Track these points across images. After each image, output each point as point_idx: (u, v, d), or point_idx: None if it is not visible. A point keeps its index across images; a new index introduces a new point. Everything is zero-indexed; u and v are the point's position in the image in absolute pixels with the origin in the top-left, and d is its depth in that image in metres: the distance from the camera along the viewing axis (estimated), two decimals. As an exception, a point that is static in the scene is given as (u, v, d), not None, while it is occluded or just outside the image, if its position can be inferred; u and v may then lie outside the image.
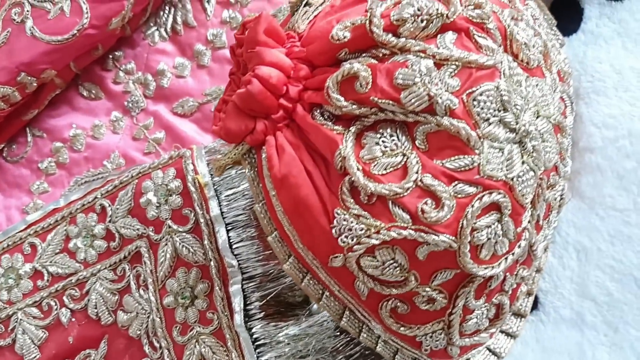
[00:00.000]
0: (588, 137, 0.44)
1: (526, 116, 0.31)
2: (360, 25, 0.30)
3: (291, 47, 0.32)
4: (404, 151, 0.30)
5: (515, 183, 0.31)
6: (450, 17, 0.30)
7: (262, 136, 0.32)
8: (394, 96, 0.29)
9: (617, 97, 0.45)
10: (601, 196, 0.42)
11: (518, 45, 0.32)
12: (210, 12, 0.57)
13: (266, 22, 0.31)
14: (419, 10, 0.30)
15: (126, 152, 0.56)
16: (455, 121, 0.29)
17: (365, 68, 0.30)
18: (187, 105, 0.55)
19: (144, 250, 0.46)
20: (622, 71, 0.45)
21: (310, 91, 0.31)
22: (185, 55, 0.57)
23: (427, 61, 0.29)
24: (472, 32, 0.31)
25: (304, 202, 0.31)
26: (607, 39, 0.47)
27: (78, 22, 0.52)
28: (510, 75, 0.31)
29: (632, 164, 0.42)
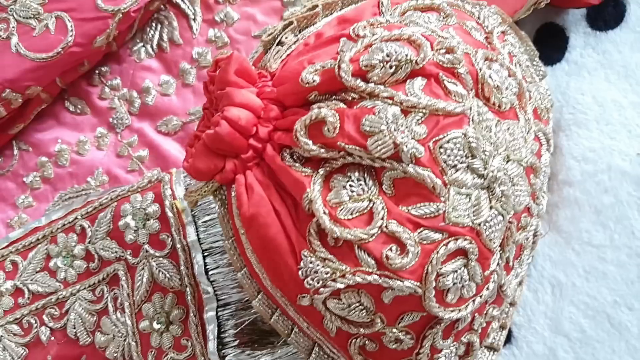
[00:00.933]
0: (567, 171, 0.44)
1: (495, 162, 0.31)
2: (329, 69, 0.30)
3: (262, 87, 0.32)
4: (370, 196, 0.30)
5: (483, 228, 0.31)
6: (420, 63, 0.30)
7: (231, 175, 0.32)
8: (360, 142, 0.29)
9: (598, 130, 0.44)
10: (578, 231, 0.42)
11: (490, 89, 0.32)
12: (196, 30, 0.57)
13: (237, 62, 0.31)
14: (387, 56, 0.29)
15: (110, 169, 0.56)
16: (420, 169, 0.29)
17: (332, 113, 0.30)
18: (171, 124, 0.55)
19: (122, 274, 0.46)
20: (604, 104, 0.45)
21: (280, 132, 0.31)
22: (170, 73, 0.57)
23: (394, 108, 0.29)
24: (441, 77, 0.31)
25: (272, 242, 0.31)
26: (591, 70, 0.46)
27: (63, 39, 0.52)
28: (480, 121, 0.31)
29: (610, 199, 0.42)
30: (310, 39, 0.34)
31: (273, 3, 0.55)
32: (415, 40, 0.31)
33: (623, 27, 0.47)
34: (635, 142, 0.43)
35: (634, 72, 0.45)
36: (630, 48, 0.46)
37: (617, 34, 0.47)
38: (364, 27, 0.32)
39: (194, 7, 0.57)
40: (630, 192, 0.42)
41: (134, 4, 0.53)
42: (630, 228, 0.41)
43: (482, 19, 0.39)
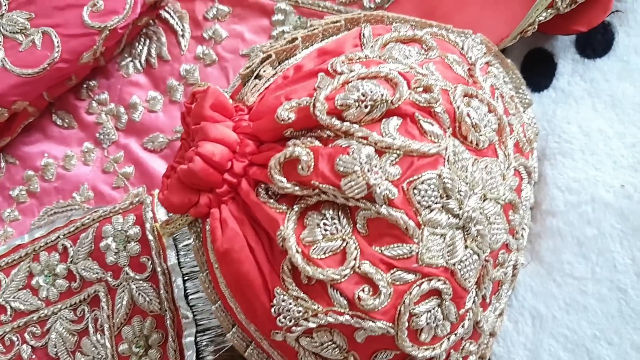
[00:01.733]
0: (551, 200, 0.44)
1: (471, 202, 0.31)
2: (305, 107, 0.30)
3: (239, 121, 0.32)
4: (343, 236, 0.29)
5: (457, 268, 0.31)
6: (395, 103, 0.29)
7: (206, 209, 0.32)
8: (334, 182, 0.29)
9: (583, 160, 0.44)
10: (560, 262, 0.42)
11: (467, 128, 0.32)
12: (185, 47, 0.57)
13: (213, 97, 0.31)
14: (363, 95, 0.29)
15: (95, 185, 0.56)
16: (393, 210, 0.29)
17: (306, 152, 0.29)
18: (157, 141, 0.55)
19: (102, 295, 0.46)
20: (590, 133, 0.45)
21: (255, 167, 0.31)
22: (158, 89, 0.56)
23: (368, 149, 0.29)
24: (417, 117, 0.30)
25: (245, 278, 0.31)
26: (578, 99, 0.46)
27: (49, 55, 0.52)
28: (455, 161, 0.30)
29: (592, 231, 0.42)
30: (289, 72, 0.34)
31: (261, 21, 0.55)
32: (392, 79, 0.31)
33: (611, 55, 0.46)
34: (620, 173, 0.43)
35: (621, 102, 0.45)
36: (618, 77, 0.45)
37: (604, 63, 0.46)
38: (342, 63, 0.32)
39: (182, 24, 0.57)
40: (613, 224, 0.42)
41: (121, 21, 0.52)
42: (612, 261, 0.41)
43: (466, 49, 0.39)
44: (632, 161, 0.43)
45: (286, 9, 0.54)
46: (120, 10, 0.53)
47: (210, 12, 0.57)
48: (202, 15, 0.57)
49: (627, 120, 0.44)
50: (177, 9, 0.58)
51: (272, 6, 0.55)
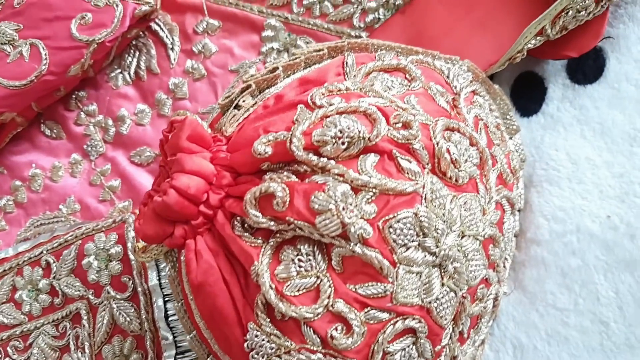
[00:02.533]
0: (536, 229, 0.43)
1: (448, 240, 0.30)
2: (281, 141, 0.29)
3: (217, 152, 0.32)
4: (318, 273, 0.29)
5: (433, 306, 0.31)
6: (373, 140, 0.29)
7: (181, 240, 0.31)
8: (309, 219, 0.29)
9: (570, 188, 0.44)
10: (543, 292, 0.42)
11: (446, 164, 0.31)
12: (174, 60, 0.56)
13: (190, 128, 0.30)
14: (340, 132, 0.29)
15: (82, 197, 0.56)
16: (367, 250, 0.28)
17: (282, 188, 0.29)
18: (145, 155, 0.54)
19: (84, 313, 0.46)
20: (577, 161, 0.44)
21: (232, 199, 0.31)
22: (146, 102, 0.56)
23: (344, 186, 0.28)
24: (395, 154, 0.30)
25: (219, 312, 0.31)
26: (566, 125, 0.45)
27: (36, 68, 0.52)
28: (433, 199, 0.30)
29: (577, 262, 0.42)
30: (270, 101, 0.33)
31: (251, 37, 0.55)
32: (370, 114, 0.30)
33: (602, 82, 0.46)
34: (606, 203, 0.42)
35: (610, 130, 0.44)
36: (608, 105, 0.45)
37: (595, 89, 0.46)
38: (321, 95, 0.32)
39: (172, 37, 0.57)
40: (598, 255, 0.41)
41: (110, 34, 0.52)
42: (596, 293, 0.40)
43: (452, 78, 0.38)
44: (619, 192, 0.42)
45: (276, 25, 0.54)
46: (109, 23, 0.52)
47: (200, 25, 0.56)
48: (192, 29, 0.57)
49: (616, 149, 0.44)
50: (168, 22, 0.57)
51: (262, 22, 0.54)
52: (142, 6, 0.53)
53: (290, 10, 0.54)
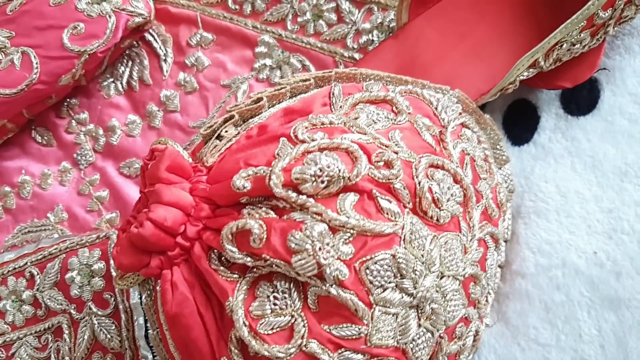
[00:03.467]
0: (522, 261, 0.43)
1: (426, 281, 0.30)
2: (261, 177, 0.29)
3: (197, 182, 0.31)
4: (293, 312, 0.29)
5: (409, 347, 0.30)
6: (353, 179, 0.29)
7: (157, 271, 0.31)
8: (285, 258, 0.28)
9: (557, 222, 0.43)
10: (525, 326, 0.41)
11: (428, 203, 0.31)
12: (167, 72, 0.56)
13: (169, 159, 0.30)
14: (320, 170, 0.28)
15: (70, 206, 0.55)
16: (343, 291, 0.28)
17: (259, 225, 0.29)
18: (134, 167, 0.54)
19: (65, 327, 0.45)
20: (566, 194, 0.44)
21: (209, 232, 0.30)
22: (137, 113, 0.56)
23: (322, 226, 0.28)
24: (375, 194, 0.29)
25: (193, 344, 0.30)
26: (557, 157, 0.45)
27: (27, 76, 0.51)
28: (412, 240, 0.30)
29: (561, 297, 0.41)
30: (253, 131, 0.33)
31: (245, 52, 0.54)
32: (352, 152, 0.30)
33: (595, 114, 0.45)
34: (593, 239, 0.42)
35: (601, 164, 0.44)
36: (600, 138, 0.44)
37: (588, 121, 0.45)
38: (304, 129, 0.31)
39: (165, 48, 0.56)
40: (582, 292, 0.41)
41: (101, 45, 0.52)
42: (578, 330, 0.40)
43: (440, 109, 0.38)
44: (607, 227, 0.42)
45: (270, 42, 0.53)
46: (101, 34, 0.52)
47: (194, 38, 0.56)
48: (185, 41, 0.56)
49: (606, 183, 0.43)
50: (162, 33, 0.57)
51: (256, 38, 0.54)
52: (135, 18, 0.53)
53: (285, 27, 0.53)
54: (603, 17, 0.39)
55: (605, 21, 0.39)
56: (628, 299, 0.40)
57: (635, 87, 0.45)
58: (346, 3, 0.50)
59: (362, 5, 0.50)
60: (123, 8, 0.52)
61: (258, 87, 0.53)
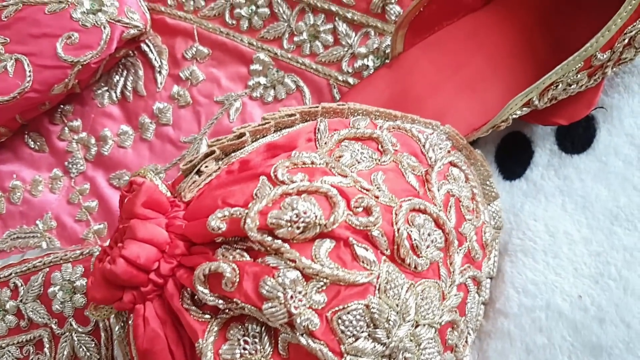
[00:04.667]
0: (505, 300, 0.42)
1: (400, 331, 0.29)
2: (236, 219, 0.29)
3: (173, 218, 0.31)
4: (262, 357, 0.28)
5: (380, 395, 0.30)
6: (329, 227, 0.28)
7: (130, 305, 0.31)
8: (256, 304, 0.28)
9: (544, 262, 0.42)
10: (506, 367, 0.41)
11: (406, 251, 0.30)
12: (161, 84, 0.55)
13: (146, 194, 0.30)
14: (296, 216, 0.28)
15: (59, 215, 0.55)
16: (313, 342, 0.28)
17: (232, 269, 0.28)
18: (123, 179, 0.54)
19: (46, 341, 0.45)
20: (555, 234, 0.43)
21: (183, 269, 0.30)
22: (130, 124, 0.55)
23: (295, 273, 0.28)
24: (351, 242, 0.29)
25: (164, 380, 0.31)
26: (548, 195, 0.44)
27: (20, 84, 0.51)
28: (387, 289, 0.29)
29: (543, 339, 0.41)
30: (235, 166, 0.32)
31: (239, 69, 0.53)
32: (331, 197, 0.29)
33: (589, 153, 0.44)
34: (579, 282, 0.41)
35: (592, 205, 0.43)
36: (593, 178, 0.43)
37: (582, 160, 0.44)
38: (284, 168, 0.31)
39: (160, 59, 0.56)
40: (564, 336, 0.40)
41: (95, 56, 0.51)
42: (558, 375, 0.40)
43: (428, 148, 0.37)
44: (594, 271, 0.41)
45: (265, 60, 0.52)
46: (95, 45, 0.51)
47: (189, 51, 0.55)
48: (181, 54, 0.55)
49: (596, 226, 0.42)
50: (158, 44, 0.56)
51: (251, 55, 0.53)
52: (131, 29, 0.52)
53: (281, 45, 0.52)
54: (601, 59, 0.38)
55: (604, 63, 0.38)
56: (610, 347, 0.39)
57: (632, 128, 0.44)
58: (343, 25, 0.50)
59: (360, 28, 0.49)
60: (118, 19, 0.51)
61: (251, 105, 0.53)
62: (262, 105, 0.52)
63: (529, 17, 0.42)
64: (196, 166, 0.32)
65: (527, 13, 0.42)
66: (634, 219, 0.42)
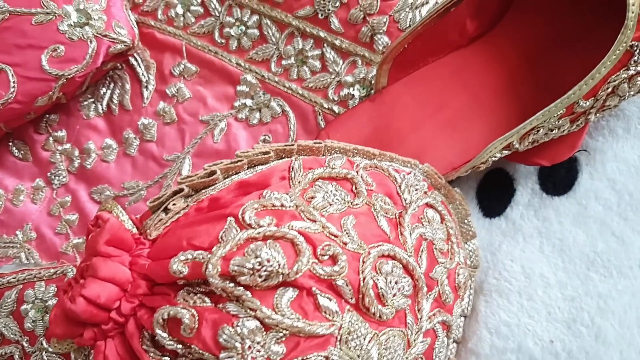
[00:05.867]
0: (478, 340, 0.42)
1: (361, 382, 0.29)
2: (198, 263, 0.28)
3: (137, 256, 0.31)
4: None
5: None
6: (292, 276, 0.28)
7: (90, 342, 0.31)
8: (214, 352, 0.28)
9: (518, 304, 0.42)
10: (473, 408, 0.41)
11: (371, 300, 0.30)
12: (147, 99, 0.55)
13: (109, 232, 0.29)
14: (259, 264, 0.28)
15: (39, 226, 0.55)
16: (268, 394, 0.28)
17: (190, 315, 0.28)
18: (104, 194, 0.53)
19: (17, 358, 0.45)
20: (531, 276, 0.43)
21: (144, 309, 0.30)
22: (115, 138, 0.55)
23: (254, 323, 0.27)
24: (314, 291, 0.29)
25: (122, 418, 0.30)
26: (527, 236, 0.44)
27: (3, 95, 0.50)
28: (349, 340, 0.29)
29: (512, 383, 0.41)
30: (204, 203, 0.32)
31: (226, 89, 0.53)
32: (297, 245, 0.29)
33: (570, 196, 0.44)
34: (552, 327, 0.41)
35: (570, 249, 0.43)
36: (572, 221, 0.43)
37: (562, 202, 0.44)
38: (253, 210, 0.30)
39: (148, 74, 0.55)
40: (534, 380, 0.40)
41: (80, 70, 0.51)
42: (526, 420, 0.40)
43: (404, 189, 0.37)
44: (567, 316, 0.41)
45: (252, 81, 0.52)
46: (80, 59, 0.51)
47: (177, 68, 0.55)
48: (169, 70, 0.55)
49: (572, 270, 0.42)
50: (146, 58, 0.56)
51: (238, 76, 0.53)
52: (118, 45, 0.52)
53: (269, 68, 0.52)
54: (584, 106, 0.38)
55: (587, 110, 0.38)
56: (579, 395, 0.39)
57: (614, 173, 0.43)
58: (331, 52, 0.49)
59: (347, 56, 0.49)
60: (105, 34, 0.51)
61: (236, 127, 0.52)
62: (248, 127, 0.52)
63: (515, 57, 0.42)
64: (164, 203, 0.31)
65: (513, 53, 0.42)
66: (610, 265, 0.42)
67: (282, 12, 0.51)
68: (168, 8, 0.56)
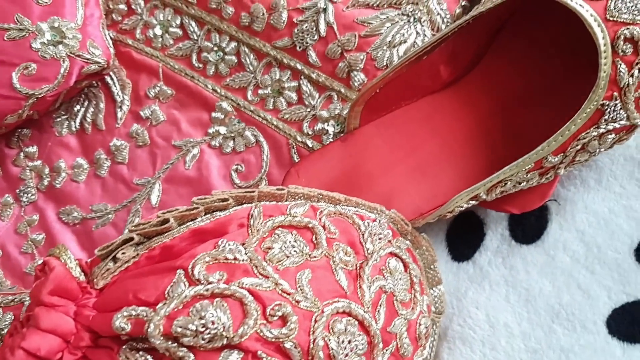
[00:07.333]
0: (439, 389, 0.42)
1: None
2: (141, 320, 0.28)
3: (83, 306, 0.30)
4: None
5: None
6: (237, 340, 0.27)
7: (33, 390, 0.30)
8: (154, 412, 0.27)
9: (481, 353, 0.42)
10: None
11: (320, 363, 0.30)
12: (120, 120, 0.54)
13: (54, 282, 0.28)
14: (203, 327, 0.27)
15: (5, 244, 0.54)
16: None
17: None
18: (72, 214, 0.53)
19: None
20: (495, 325, 0.42)
21: (87, 362, 0.29)
22: (86, 157, 0.54)
23: (195, 387, 0.27)
24: (260, 355, 0.28)
25: None
26: (493, 284, 0.43)
27: (-28, 110, 0.50)
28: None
29: None
30: (156, 251, 0.31)
31: (201, 114, 0.52)
32: (245, 304, 0.28)
33: (538, 245, 0.43)
34: (513, 379, 0.41)
35: (535, 299, 0.42)
36: (539, 272, 0.43)
37: (530, 252, 0.43)
38: (204, 265, 0.29)
39: (123, 94, 0.54)
40: None
41: (51, 90, 0.49)
42: None
43: (366, 237, 0.36)
44: (528, 369, 0.41)
45: (227, 109, 0.51)
46: (52, 79, 0.50)
47: (152, 90, 0.54)
48: (144, 91, 0.54)
49: (537, 321, 0.42)
50: (122, 77, 0.55)
51: (214, 102, 0.52)
52: (91, 65, 0.51)
53: (245, 96, 0.51)
54: (553, 162, 0.37)
55: (556, 165, 0.38)
56: None
57: (584, 224, 0.43)
58: (308, 85, 0.48)
59: (324, 90, 0.48)
60: (79, 54, 0.50)
61: (209, 154, 0.51)
62: (220, 155, 0.51)
63: (487, 106, 0.42)
64: (113, 252, 0.31)
65: (485, 101, 0.41)
66: (574, 319, 0.41)
67: (261, 40, 0.50)
68: (147, 28, 0.55)
